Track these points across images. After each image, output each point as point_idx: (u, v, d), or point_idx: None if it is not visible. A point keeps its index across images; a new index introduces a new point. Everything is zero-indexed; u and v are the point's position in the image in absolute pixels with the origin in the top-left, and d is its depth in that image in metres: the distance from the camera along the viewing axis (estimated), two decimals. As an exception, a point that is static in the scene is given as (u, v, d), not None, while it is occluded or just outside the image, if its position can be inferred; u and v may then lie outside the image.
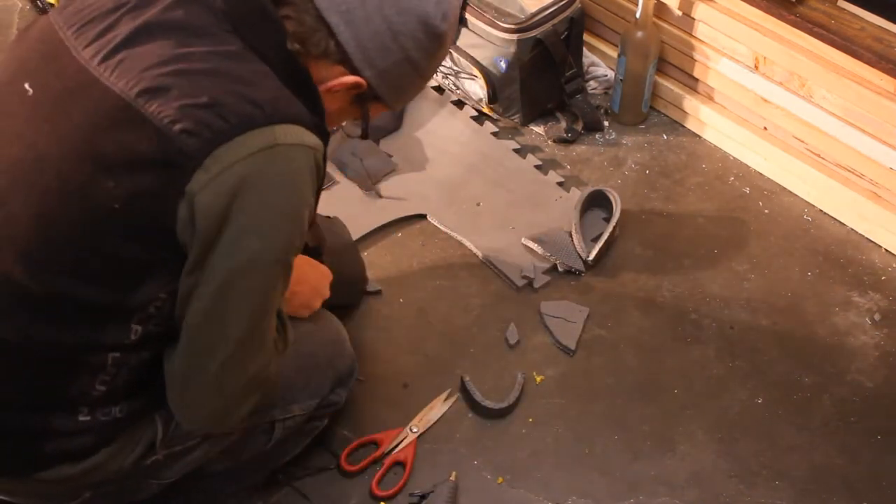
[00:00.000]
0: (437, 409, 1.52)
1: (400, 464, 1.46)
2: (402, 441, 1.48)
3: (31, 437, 1.09)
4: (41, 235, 1.01)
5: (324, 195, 1.83)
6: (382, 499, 1.42)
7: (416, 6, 1.06)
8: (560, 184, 1.90)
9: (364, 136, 1.20)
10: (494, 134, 2.00)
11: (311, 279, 1.37)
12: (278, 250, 1.04)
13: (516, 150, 1.97)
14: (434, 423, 1.51)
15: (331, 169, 1.91)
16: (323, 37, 1.05)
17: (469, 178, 1.91)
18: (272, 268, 1.04)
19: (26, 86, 1.04)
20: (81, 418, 1.09)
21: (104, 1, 1.04)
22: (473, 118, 2.03)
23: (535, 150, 1.97)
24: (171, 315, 1.05)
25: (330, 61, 1.07)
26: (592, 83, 2.09)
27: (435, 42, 1.09)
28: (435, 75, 2.03)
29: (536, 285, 1.71)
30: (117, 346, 1.06)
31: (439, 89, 2.09)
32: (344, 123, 1.25)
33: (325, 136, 1.06)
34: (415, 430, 1.49)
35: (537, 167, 1.94)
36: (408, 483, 1.44)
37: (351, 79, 1.08)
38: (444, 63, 2.00)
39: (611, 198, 1.79)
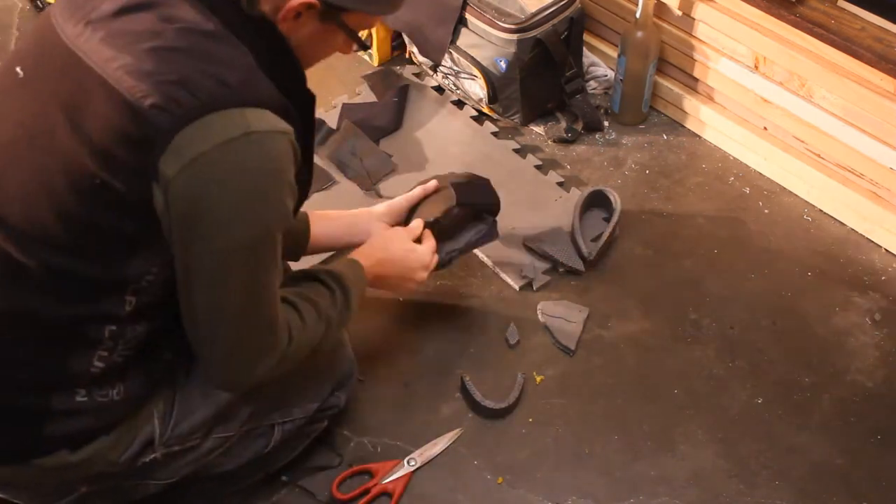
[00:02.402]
0: (441, 444, 1.49)
1: (387, 494, 1.44)
2: (395, 473, 1.45)
3: (31, 417, 1.10)
4: (32, 212, 1.04)
5: (324, 195, 1.85)
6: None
7: None
8: (560, 184, 1.90)
9: (365, 48, 1.20)
10: (494, 134, 2.00)
11: (399, 267, 1.44)
12: (261, 236, 1.05)
13: (516, 150, 1.97)
14: (434, 458, 1.48)
15: (331, 169, 1.91)
16: None
17: (469, 178, 1.91)
18: (256, 251, 1.06)
19: (17, 69, 1.08)
20: (79, 399, 1.10)
21: None
22: (473, 118, 2.03)
23: (535, 150, 1.98)
24: (165, 285, 1.08)
25: None
26: (592, 83, 2.09)
27: None
28: (436, 75, 2.04)
29: (536, 285, 1.71)
30: (113, 317, 1.08)
31: (439, 89, 2.09)
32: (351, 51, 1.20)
33: (292, 120, 1.05)
34: (412, 463, 1.46)
35: (537, 167, 1.94)
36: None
37: (296, 1, 1.04)
38: (444, 63, 2.00)
39: (611, 198, 1.79)
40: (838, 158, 1.78)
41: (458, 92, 2.04)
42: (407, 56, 2.13)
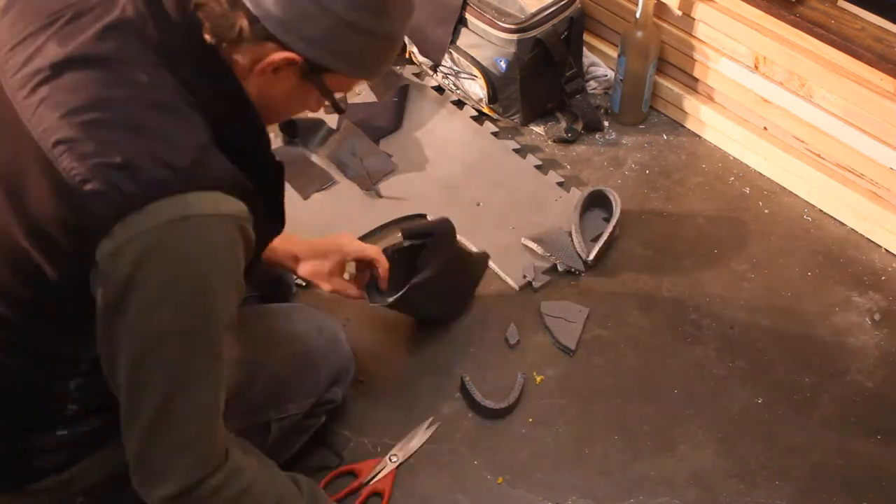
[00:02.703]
0: (418, 437, 1.49)
1: (378, 494, 1.44)
2: (380, 471, 1.45)
3: (16, 456, 1.10)
4: None
5: (324, 195, 1.85)
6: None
7: None
8: (560, 184, 1.90)
9: (340, 111, 1.09)
10: (494, 134, 2.00)
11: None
12: (190, 325, 0.95)
13: (516, 150, 1.97)
14: (414, 453, 1.48)
15: (331, 169, 1.91)
16: (238, 18, 0.95)
17: (469, 179, 1.91)
18: (185, 341, 0.96)
19: None
20: (60, 433, 1.10)
21: (39, 12, 1.00)
22: (473, 118, 2.03)
23: (535, 150, 1.97)
24: None
25: (254, 42, 0.96)
26: (592, 83, 2.09)
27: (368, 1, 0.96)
28: (436, 75, 2.04)
29: (536, 285, 1.71)
30: (74, 374, 1.06)
31: (439, 89, 2.09)
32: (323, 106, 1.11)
33: (248, 195, 0.96)
34: (394, 459, 1.46)
35: (537, 167, 1.94)
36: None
37: (278, 56, 0.96)
38: (444, 63, 2.00)
39: (611, 198, 1.79)
40: (838, 158, 1.78)
41: (458, 92, 2.04)
42: (407, 56, 2.13)
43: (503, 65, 1.90)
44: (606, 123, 2.03)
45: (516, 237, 1.79)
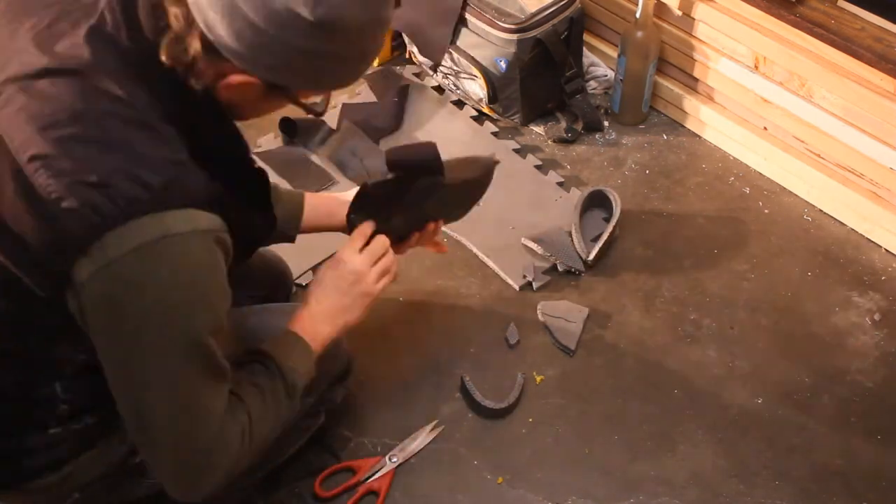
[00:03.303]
0: (420, 439, 1.49)
1: (374, 493, 1.44)
2: (379, 470, 1.45)
3: (9, 456, 1.10)
4: None
5: (324, 196, 1.85)
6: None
7: None
8: (560, 184, 1.90)
9: (317, 115, 1.07)
10: (494, 134, 2.00)
11: (346, 299, 1.27)
12: (181, 340, 0.97)
13: (516, 150, 1.97)
14: (414, 455, 1.48)
15: (331, 169, 1.91)
16: (192, 41, 0.93)
17: (469, 178, 1.91)
18: (179, 359, 0.98)
19: None
20: (52, 431, 1.10)
21: (24, 7, 1.00)
22: (473, 118, 2.03)
23: (535, 150, 1.97)
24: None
25: (211, 62, 0.95)
26: (592, 83, 2.09)
27: (319, 29, 0.91)
28: (436, 75, 2.04)
29: (536, 285, 1.71)
30: (59, 376, 1.06)
31: (439, 89, 2.09)
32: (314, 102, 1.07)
33: (222, 208, 0.97)
34: (394, 459, 1.46)
35: (537, 167, 1.94)
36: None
37: (236, 79, 0.96)
38: (444, 63, 2.00)
39: (611, 198, 1.79)
40: (838, 158, 1.78)
41: (458, 92, 2.04)
42: (407, 56, 2.13)
43: (503, 65, 1.90)
44: (606, 123, 2.03)
45: (516, 237, 1.79)
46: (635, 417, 1.54)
